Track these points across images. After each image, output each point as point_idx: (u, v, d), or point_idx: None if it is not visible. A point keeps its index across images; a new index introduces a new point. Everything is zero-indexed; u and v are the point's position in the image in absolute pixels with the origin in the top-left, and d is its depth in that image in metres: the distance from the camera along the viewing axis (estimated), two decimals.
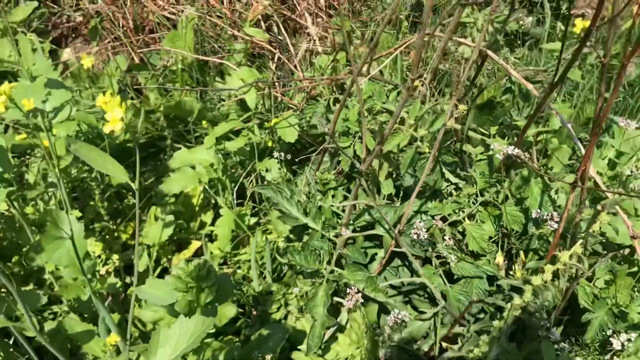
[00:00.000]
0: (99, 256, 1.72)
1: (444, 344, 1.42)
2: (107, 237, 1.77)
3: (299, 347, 1.28)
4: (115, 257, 1.70)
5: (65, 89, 1.34)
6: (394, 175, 1.61)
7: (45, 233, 1.25)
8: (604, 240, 1.55)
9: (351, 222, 1.42)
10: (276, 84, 1.79)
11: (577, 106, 2.13)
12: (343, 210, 1.47)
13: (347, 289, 1.27)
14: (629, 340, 1.40)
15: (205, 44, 2.18)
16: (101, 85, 1.95)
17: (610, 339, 1.42)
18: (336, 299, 1.34)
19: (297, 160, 1.72)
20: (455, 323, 1.44)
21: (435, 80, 1.71)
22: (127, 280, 1.75)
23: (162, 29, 2.41)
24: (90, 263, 1.29)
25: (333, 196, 1.49)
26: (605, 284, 1.52)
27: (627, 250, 1.61)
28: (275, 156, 1.57)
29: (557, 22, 2.07)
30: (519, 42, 1.65)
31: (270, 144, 1.77)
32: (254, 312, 1.58)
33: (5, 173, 1.28)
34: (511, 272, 1.48)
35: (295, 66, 1.87)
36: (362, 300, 1.26)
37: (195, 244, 1.78)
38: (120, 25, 2.37)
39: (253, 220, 1.80)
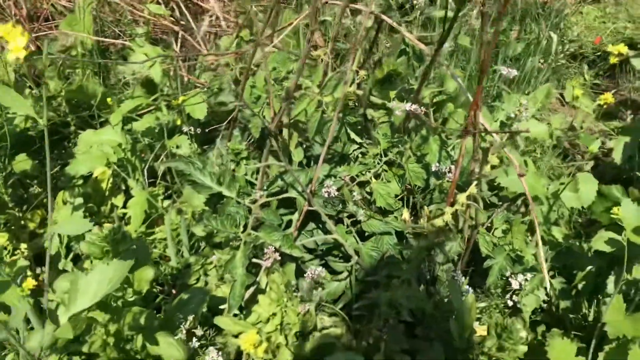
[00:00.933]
0: (5, 247, 1.66)
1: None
2: (13, 227, 1.71)
3: (221, 307, 1.30)
4: (23, 246, 1.64)
5: None
6: (304, 145, 1.67)
7: None
8: (499, 192, 1.70)
9: (265, 188, 1.46)
10: (181, 63, 1.79)
11: (470, 78, 2.29)
12: (257, 179, 1.51)
13: (265, 250, 1.32)
14: (525, 280, 1.55)
15: (105, 29, 2.13)
16: None
17: (509, 279, 1.56)
18: (255, 260, 1.37)
19: (207, 132, 1.73)
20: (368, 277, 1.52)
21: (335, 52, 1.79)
22: (37, 270, 1.69)
23: (58, 17, 2.34)
24: None
25: (246, 165, 1.52)
26: (503, 233, 1.65)
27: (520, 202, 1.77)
28: (185, 131, 1.58)
29: None
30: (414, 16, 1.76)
31: (179, 122, 1.77)
32: (173, 291, 1.58)
33: None
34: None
35: (199, 43, 1.88)
36: (280, 259, 1.31)
37: (108, 227, 1.75)
38: (13, 13, 2.27)
39: (167, 202, 1.79)
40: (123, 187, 1.81)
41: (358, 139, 1.47)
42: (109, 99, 1.68)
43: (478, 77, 1.12)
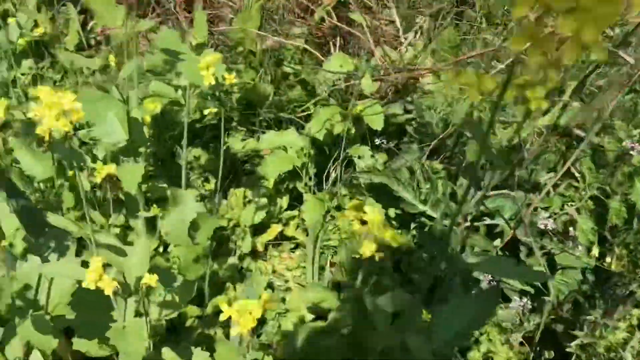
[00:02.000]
0: None
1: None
2: None
3: None
4: None
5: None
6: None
7: None
8: None
9: (470, 212, 1.44)
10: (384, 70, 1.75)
11: None
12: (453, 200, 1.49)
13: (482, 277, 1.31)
14: None
15: (267, 25, 2.13)
16: None
17: None
18: None
19: (389, 147, 1.72)
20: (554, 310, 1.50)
21: None
22: None
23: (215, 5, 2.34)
24: None
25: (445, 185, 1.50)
26: None
27: None
28: (377, 142, 1.57)
29: None
30: None
31: (353, 131, 1.76)
32: None
33: (141, 146, 1.22)
34: (604, 263, 1.55)
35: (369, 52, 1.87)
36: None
37: (275, 228, 1.75)
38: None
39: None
40: (289, 186, 1.81)
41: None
42: (310, 105, 1.68)
43: None
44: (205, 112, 1.50)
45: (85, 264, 0.88)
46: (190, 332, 1.34)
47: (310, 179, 1.75)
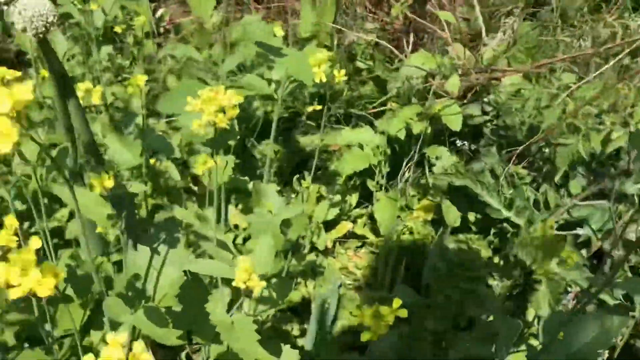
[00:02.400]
0: None
1: None
2: None
3: None
4: None
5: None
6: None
7: None
8: None
9: (557, 220, 1.40)
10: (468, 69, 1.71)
11: None
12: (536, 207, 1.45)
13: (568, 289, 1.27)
14: None
15: (338, 18, 2.11)
16: None
17: None
18: None
19: (464, 149, 1.69)
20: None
21: None
22: None
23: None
24: None
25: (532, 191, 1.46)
26: None
27: None
28: (456, 142, 1.54)
29: None
30: None
31: (429, 130, 1.73)
32: None
33: (230, 139, 1.21)
34: None
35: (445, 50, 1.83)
36: None
37: (345, 225, 1.73)
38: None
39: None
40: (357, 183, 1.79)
41: None
42: (384, 101, 1.66)
43: None
44: (309, 109, 1.48)
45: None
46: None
47: (382, 177, 1.73)
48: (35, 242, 0.57)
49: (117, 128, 1.27)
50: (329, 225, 1.75)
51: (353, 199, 1.79)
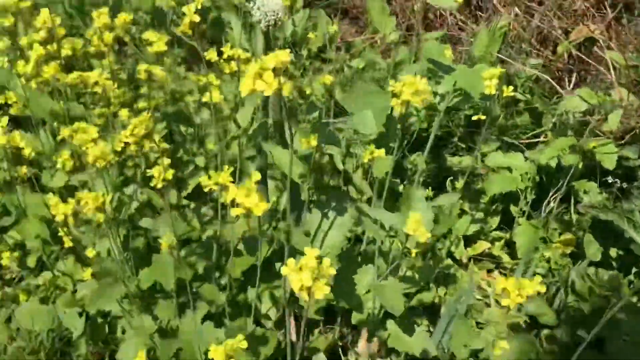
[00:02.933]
0: None
1: None
2: None
3: None
4: None
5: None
6: None
7: None
8: None
9: None
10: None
11: None
12: None
13: None
14: None
15: (503, 50, 2.19)
16: None
17: None
18: None
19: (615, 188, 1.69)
20: None
21: None
22: None
23: None
24: None
25: None
26: None
27: None
28: (608, 180, 1.56)
29: None
30: None
31: (581, 165, 1.75)
32: None
33: (392, 141, 1.35)
34: None
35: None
36: None
37: (483, 244, 1.80)
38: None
39: None
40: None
41: None
42: (548, 135, 1.72)
43: None
44: (474, 117, 1.58)
45: None
46: None
47: (527, 204, 1.78)
48: (255, 175, 0.76)
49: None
50: (468, 242, 1.83)
51: (494, 221, 1.85)
